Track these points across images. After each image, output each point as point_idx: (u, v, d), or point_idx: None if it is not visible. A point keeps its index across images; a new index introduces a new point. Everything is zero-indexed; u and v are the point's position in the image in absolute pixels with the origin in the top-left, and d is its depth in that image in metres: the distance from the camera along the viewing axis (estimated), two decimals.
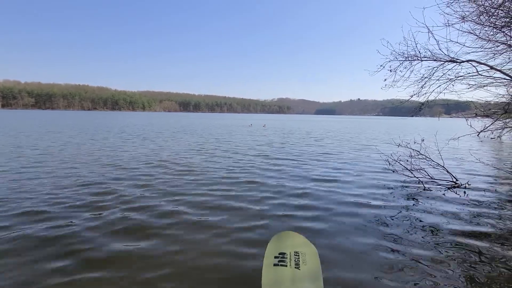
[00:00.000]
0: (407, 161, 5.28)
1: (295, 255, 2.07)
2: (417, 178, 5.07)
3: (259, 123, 34.04)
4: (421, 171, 5.14)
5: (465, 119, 4.90)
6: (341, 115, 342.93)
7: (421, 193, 4.48)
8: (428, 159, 5.24)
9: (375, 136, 17.04)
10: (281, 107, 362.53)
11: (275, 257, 2.04)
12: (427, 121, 48.34)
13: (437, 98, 4.87)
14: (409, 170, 5.18)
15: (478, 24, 4.43)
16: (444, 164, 5.23)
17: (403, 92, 5.05)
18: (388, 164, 5.57)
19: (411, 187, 4.82)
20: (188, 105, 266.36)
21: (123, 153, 8.07)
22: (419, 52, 4.66)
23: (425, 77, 4.82)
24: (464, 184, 4.93)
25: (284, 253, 2.09)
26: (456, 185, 4.90)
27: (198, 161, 7.03)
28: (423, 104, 5.05)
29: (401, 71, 4.90)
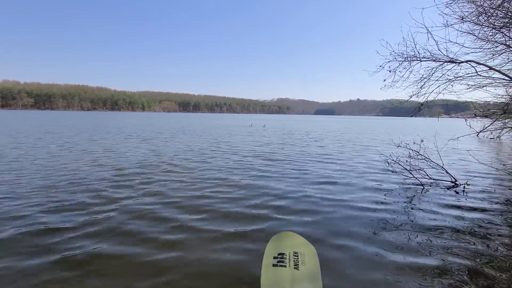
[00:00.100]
0: (406, 161, 5.28)
1: (294, 255, 2.06)
2: (416, 178, 5.07)
3: (259, 123, 34.06)
4: (421, 171, 5.14)
5: (464, 119, 4.91)
6: (340, 115, 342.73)
7: (421, 193, 4.48)
8: (427, 159, 5.24)
9: (374, 136, 17.05)
10: (281, 107, 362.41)
11: (274, 258, 2.04)
12: (427, 122, 48.36)
13: (436, 98, 4.88)
14: (408, 170, 5.18)
15: (477, 24, 4.43)
16: (443, 164, 5.24)
17: (402, 92, 5.06)
18: (387, 164, 5.57)
19: (410, 187, 4.82)
20: (187, 105, 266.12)
21: (121, 154, 8.06)
22: (418, 52, 4.67)
23: (424, 78, 4.83)
24: (463, 184, 4.94)
25: (283, 254, 2.08)
26: (455, 185, 4.91)
27: (197, 162, 7.02)
28: (422, 104, 5.06)
29: (400, 71, 4.91)
